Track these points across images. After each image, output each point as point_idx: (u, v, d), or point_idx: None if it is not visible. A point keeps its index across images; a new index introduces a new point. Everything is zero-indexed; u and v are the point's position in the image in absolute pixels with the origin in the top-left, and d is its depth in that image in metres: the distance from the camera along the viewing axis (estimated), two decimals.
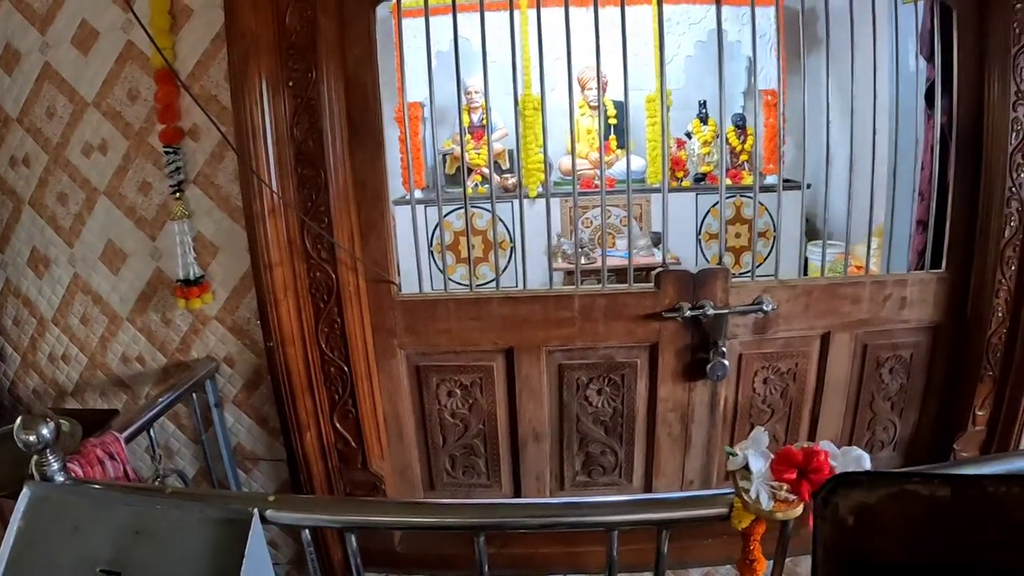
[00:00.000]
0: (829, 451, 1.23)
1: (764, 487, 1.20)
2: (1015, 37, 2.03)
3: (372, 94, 2.07)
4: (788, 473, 1.20)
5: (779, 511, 1.18)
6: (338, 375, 2.17)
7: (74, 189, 2.22)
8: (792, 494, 1.19)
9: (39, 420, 1.40)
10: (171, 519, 1.40)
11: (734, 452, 1.27)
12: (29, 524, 1.43)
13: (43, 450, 1.43)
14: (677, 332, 2.23)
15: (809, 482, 1.19)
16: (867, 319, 2.28)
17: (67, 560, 1.39)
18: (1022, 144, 2.09)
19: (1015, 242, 2.16)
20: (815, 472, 1.19)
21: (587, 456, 2.40)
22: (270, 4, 1.91)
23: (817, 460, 1.20)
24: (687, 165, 5.06)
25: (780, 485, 1.20)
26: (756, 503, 1.19)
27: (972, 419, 2.31)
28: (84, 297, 2.32)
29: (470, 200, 2.44)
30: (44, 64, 2.15)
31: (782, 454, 1.22)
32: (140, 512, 1.41)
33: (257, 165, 1.94)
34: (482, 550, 1.38)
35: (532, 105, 4.55)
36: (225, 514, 1.37)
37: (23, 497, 1.45)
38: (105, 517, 1.42)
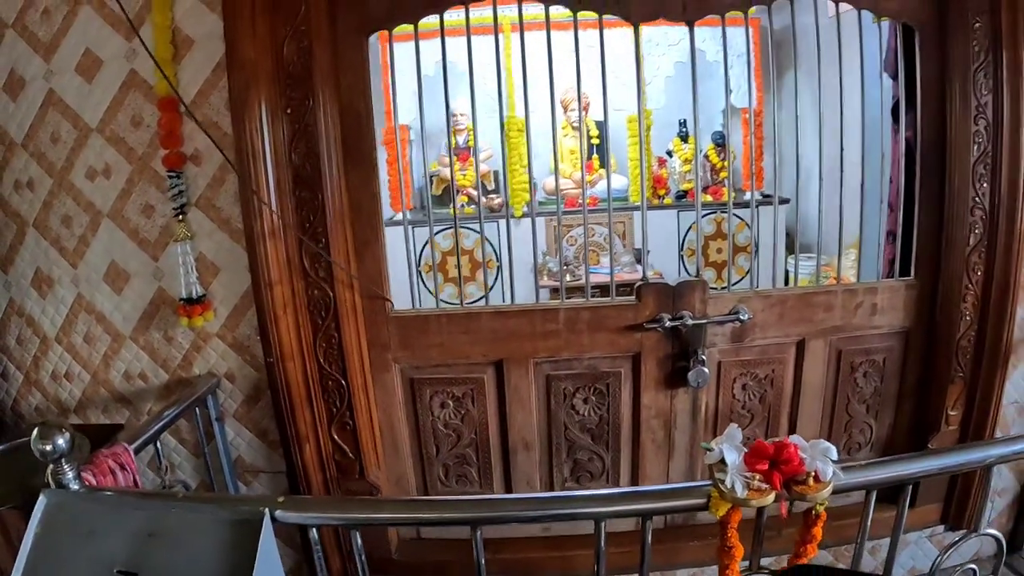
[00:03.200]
0: (798, 444, 1.34)
1: (739, 477, 1.31)
2: (974, 55, 2.18)
3: (365, 119, 2.18)
4: (760, 464, 1.32)
5: (753, 499, 1.29)
6: (336, 388, 2.26)
7: (78, 212, 2.29)
8: (764, 483, 1.30)
9: (55, 430, 1.46)
10: (185, 521, 1.46)
11: (710, 447, 1.38)
12: (45, 530, 1.48)
13: (59, 459, 1.49)
14: (658, 342, 2.34)
15: (780, 472, 1.30)
16: (840, 326, 2.40)
17: (83, 563, 1.44)
18: (984, 155, 2.23)
19: (980, 249, 2.29)
20: (785, 463, 1.31)
21: (575, 463, 2.49)
22: (269, 35, 2.02)
23: (787, 452, 1.31)
24: (668, 183, 5.17)
25: (753, 475, 1.31)
26: (731, 492, 1.30)
27: (945, 419, 2.43)
28: (87, 316, 2.38)
29: (458, 220, 2.54)
30: (48, 91, 2.23)
31: (755, 447, 1.33)
32: (154, 516, 1.48)
33: (258, 188, 2.04)
34: (479, 544, 1.46)
35: (516, 127, 4.65)
36: (237, 515, 1.44)
37: (40, 504, 1.50)
38: (120, 521, 1.48)
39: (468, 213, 4.84)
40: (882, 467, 1.53)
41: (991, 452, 1.60)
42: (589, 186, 4.97)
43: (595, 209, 4.70)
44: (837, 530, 1.61)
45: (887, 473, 1.50)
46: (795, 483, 1.32)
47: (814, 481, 1.33)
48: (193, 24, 2.10)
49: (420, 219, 4.51)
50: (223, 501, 1.54)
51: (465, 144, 5.06)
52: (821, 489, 1.32)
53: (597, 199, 4.97)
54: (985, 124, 2.21)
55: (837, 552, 2.52)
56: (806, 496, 1.32)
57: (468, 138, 5.02)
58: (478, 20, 2.26)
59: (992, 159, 2.23)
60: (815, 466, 1.33)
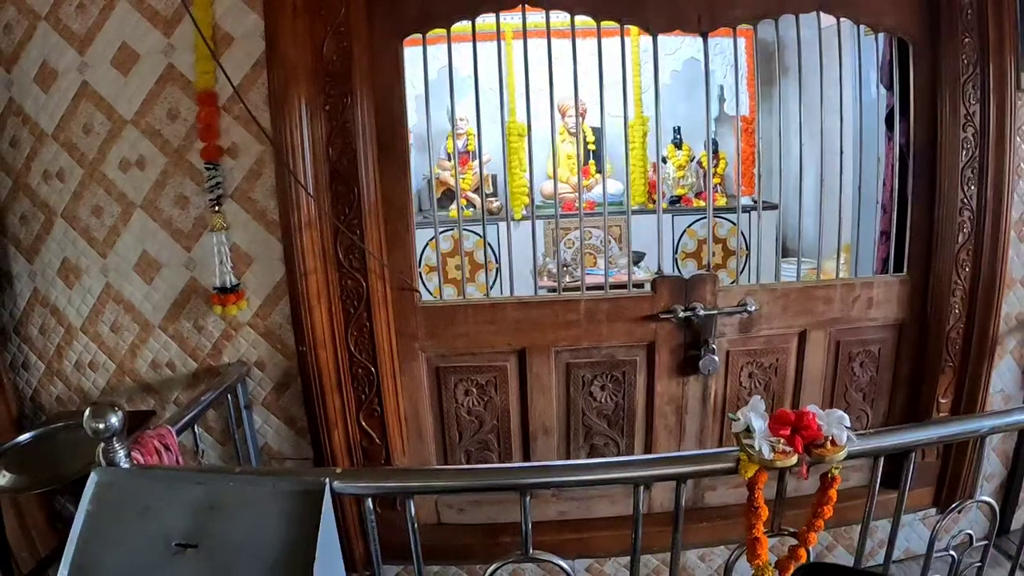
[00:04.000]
0: (816, 412, 1.48)
1: (765, 441, 1.43)
2: (963, 67, 2.36)
3: (399, 118, 2.29)
4: (783, 430, 1.45)
5: (778, 460, 1.42)
6: (365, 376, 2.35)
7: (109, 202, 2.34)
8: (788, 446, 1.43)
9: (108, 410, 1.49)
10: (244, 494, 1.50)
11: (736, 417, 1.50)
12: (97, 507, 1.50)
13: (110, 438, 1.52)
14: (671, 332, 2.47)
15: (801, 437, 1.44)
16: (839, 318, 2.56)
17: (140, 538, 1.46)
18: (971, 160, 2.41)
19: (968, 247, 2.47)
20: (805, 429, 1.44)
21: (591, 447, 2.61)
22: (309, 35, 2.12)
23: (806, 419, 1.46)
24: (663, 188, 5.29)
25: (778, 440, 1.44)
26: (760, 454, 1.42)
27: (936, 407, 2.59)
28: (116, 306, 2.43)
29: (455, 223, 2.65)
30: (82, 83, 2.28)
31: (778, 415, 1.47)
32: (212, 490, 1.50)
33: (297, 180, 2.13)
34: (527, 508, 1.53)
35: (516, 132, 4.76)
36: (299, 486, 1.49)
37: (90, 482, 1.52)
38: (176, 497, 1.50)
39: (467, 216, 4.92)
40: (890, 435, 1.68)
41: (986, 423, 1.76)
42: (586, 190, 5.08)
43: (592, 213, 4.84)
44: (840, 512, 1.73)
45: (894, 440, 1.64)
46: (814, 447, 1.45)
47: (831, 445, 1.45)
48: (232, 22, 2.18)
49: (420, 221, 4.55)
50: (282, 474, 1.60)
51: (464, 148, 5.16)
52: (838, 452, 1.45)
53: (594, 203, 5.07)
54: (973, 131, 2.39)
55: (837, 532, 2.66)
56: (824, 458, 1.45)
57: (468, 142, 5.14)
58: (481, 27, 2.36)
59: (979, 164, 2.41)
60: (831, 432, 1.46)
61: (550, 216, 4.52)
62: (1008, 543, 2.70)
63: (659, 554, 2.59)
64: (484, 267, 3.46)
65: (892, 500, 1.76)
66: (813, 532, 1.59)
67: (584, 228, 4.65)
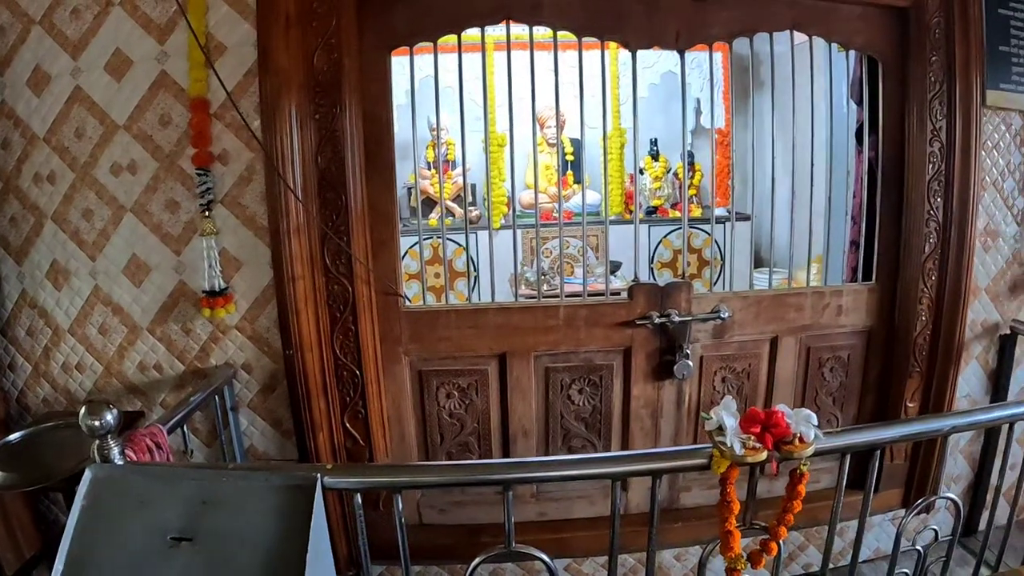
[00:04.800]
0: (784, 411, 1.56)
1: (736, 438, 1.51)
2: (931, 84, 2.48)
3: (386, 128, 2.36)
4: (754, 427, 1.53)
5: (749, 456, 1.50)
6: (350, 379, 2.41)
7: (100, 206, 2.37)
8: (758, 443, 1.51)
9: (103, 407, 1.53)
10: (238, 488, 1.54)
11: (709, 416, 1.58)
12: (92, 502, 1.53)
13: (105, 435, 1.56)
14: (647, 337, 2.55)
15: (770, 434, 1.52)
16: (809, 324, 2.65)
17: (135, 532, 1.50)
18: (938, 174, 2.53)
19: (934, 256, 2.58)
20: (775, 426, 1.53)
21: (569, 449, 2.67)
22: (300, 45, 2.18)
23: (776, 417, 1.54)
24: (640, 199, 5.40)
25: (748, 437, 1.52)
26: (731, 450, 1.50)
27: (904, 410, 2.69)
28: (104, 308, 2.46)
29: (435, 231, 2.72)
30: (75, 87, 2.32)
31: (749, 413, 1.55)
32: (206, 485, 1.54)
33: (285, 188, 2.18)
34: (510, 503, 1.60)
35: (497, 142, 4.83)
36: (291, 481, 1.53)
37: (85, 478, 1.55)
38: (171, 492, 1.54)
39: (447, 225, 4.97)
40: (857, 432, 1.76)
41: (948, 422, 1.86)
42: (564, 200, 5.11)
43: (570, 223, 4.90)
44: (809, 512, 1.82)
45: (860, 438, 1.72)
46: (783, 444, 1.53)
47: (799, 442, 1.53)
48: (226, 32, 2.23)
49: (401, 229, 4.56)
50: (274, 469, 1.65)
51: (445, 157, 5.23)
52: (805, 448, 1.52)
53: (572, 213, 5.18)
54: (940, 146, 2.51)
55: (808, 533, 2.75)
56: (793, 454, 1.52)
57: (448, 152, 5.20)
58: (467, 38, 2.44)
59: (945, 177, 2.52)
60: (800, 429, 1.54)
61: (529, 225, 4.59)
62: (976, 542, 2.78)
63: (636, 554, 2.67)
64: (464, 275, 3.52)
65: (860, 501, 1.83)
66: (783, 526, 1.67)
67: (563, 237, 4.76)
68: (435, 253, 4.74)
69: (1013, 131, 2.63)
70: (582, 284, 2.64)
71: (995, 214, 2.67)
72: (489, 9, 2.32)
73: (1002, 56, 2.51)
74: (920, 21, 2.45)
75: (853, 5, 2.48)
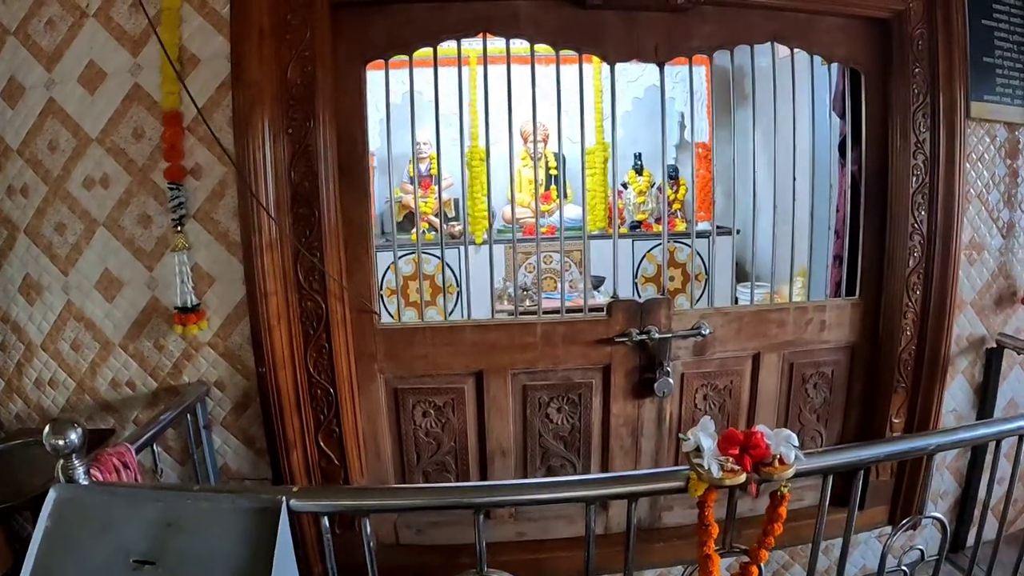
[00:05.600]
0: (764, 432, 1.52)
1: (714, 460, 1.47)
2: (914, 96, 2.46)
3: (360, 142, 2.33)
4: (732, 449, 1.49)
5: (727, 479, 1.46)
6: (324, 397, 2.36)
7: (73, 220, 2.34)
8: (736, 465, 1.47)
9: (68, 426, 1.51)
10: (202, 511, 1.51)
11: (687, 437, 1.54)
12: (56, 524, 1.50)
13: (70, 455, 1.54)
14: (627, 355, 2.51)
15: (749, 455, 1.48)
16: (792, 340, 2.62)
17: (99, 554, 1.47)
18: (922, 187, 2.50)
19: (919, 270, 2.55)
20: (754, 448, 1.48)
21: (548, 469, 2.63)
22: (274, 58, 2.16)
23: (755, 438, 1.50)
24: (624, 213, 5.39)
25: (726, 459, 1.48)
26: (708, 473, 1.46)
27: (889, 426, 2.65)
28: (76, 324, 2.42)
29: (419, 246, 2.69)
30: (49, 100, 2.29)
31: (727, 435, 1.51)
32: (170, 507, 1.51)
33: (259, 201, 2.15)
34: (480, 526, 1.57)
35: (478, 156, 4.79)
36: (256, 503, 1.50)
37: (49, 499, 1.53)
38: (135, 514, 1.51)
39: (428, 240, 4.92)
40: (838, 453, 1.74)
41: (933, 440, 1.82)
42: (547, 215, 5.13)
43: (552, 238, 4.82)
44: (793, 531, 1.78)
45: (842, 458, 1.69)
46: (763, 465, 1.49)
47: (779, 463, 1.49)
48: (199, 44, 2.21)
49: (382, 244, 4.56)
50: (240, 491, 1.61)
51: (427, 172, 5.19)
52: (786, 470, 1.49)
53: (554, 228, 5.11)
54: (923, 159, 2.48)
55: (793, 551, 2.70)
56: (773, 476, 1.48)
57: (431, 166, 5.17)
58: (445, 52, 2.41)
59: (929, 190, 2.49)
60: (779, 450, 1.50)
61: (507, 240, 4.55)
62: (964, 559, 2.75)
63: (615, 575, 2.61)
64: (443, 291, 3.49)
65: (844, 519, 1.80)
66: (764, 549, 1.63)
67: (545, 252, 4.74)
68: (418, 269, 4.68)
69: (998, 143, 2.60)
70: (559, 299, 2.58)
71: (980, 227, 2.64)
72: (465, 22, 2.29)
73: (986, 67, 2.49)
74: (903, 32, 2.43)
75: (834, 17, 2.46)
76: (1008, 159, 2.62)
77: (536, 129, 2.39)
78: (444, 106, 2.42)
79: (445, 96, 2.42)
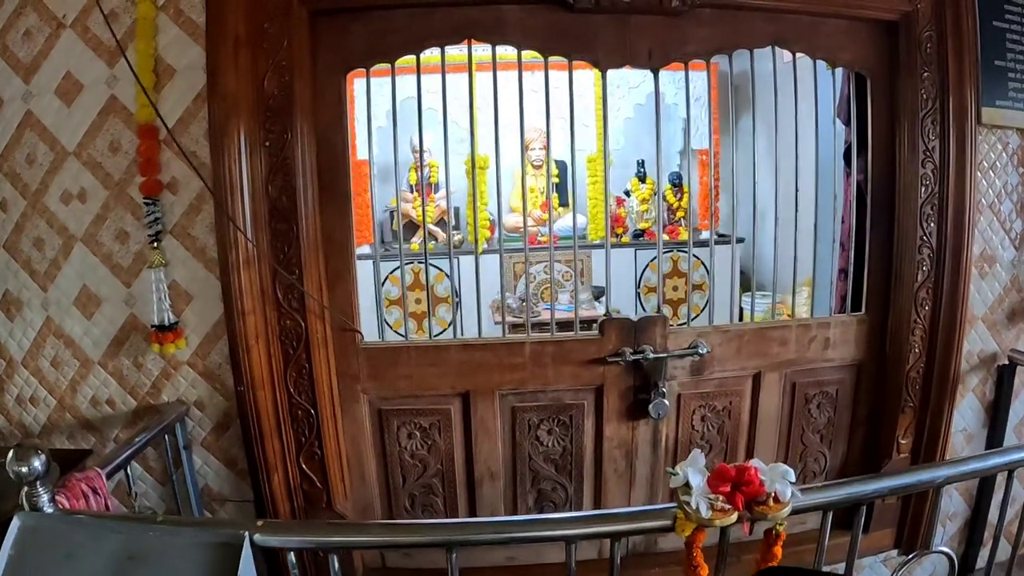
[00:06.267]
0: (759, 467, 1.42)
1: (703, 499, 1.38)
2: (922, 102, 2.33)
3: (341, 154, 2.25)
4: (723, 486, 1.39)
5: (717, 519, 1.36)
6: (305, 418, 2.29)
7: (51, 235, 2.29)
8: (727, 504, 1.37)
9: (31, 452, 1.47)
10: (164, 544, 1.47)
11: (675, 472, 1.44)
12: (19, 553, 1.47)
13: (34, 482, 1.49)
14: (620, 375, 2.41)
15: (742, 493, 1.38)
16: (794, 359, 2.51)
17: None
18: (931, 197, 2.38)
19: (927, 285, 2.43)
20: (746, 485, 1.38)
21: (539, 493, 2.54)
22: (251, 68, 2.08)
23: (748, 474, 1.39)
24: (626, 222, 5.27)
25: (717, 497, 1.38)
26: (697, 513, 1.36)
27: (896, 447, 2.54)
28: (56, 341, 2.37)
29: (418, 256, 2.61)
30: (26, 112, 2.24)
31: (717, 470, 1.41)
32: (133, 538, 1.48)
33: (234, 218, 2.08)
34: (454, 565, 1.50)
35: (480, 165, 4.70)
36: (217, 538, 1.46)
37: (13, 527, 1.49)
38: (98, 544, 1.48)
39: (429, 249, 4.81)
40: (838, 488, 1.62)
41: (940, 473, 1.70)
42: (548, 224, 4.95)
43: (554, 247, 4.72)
44: (796, 555, 1.69)
45: (842, 494, 1.59)
46: (756, 504, 1.40)
47: (774, 502, 1.40)
48: (176, 54, 2.15)
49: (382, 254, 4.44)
50: (203, 524, 1.56)
51: (428, 180, 5.10)
52: (781, 509, 1.39)
53: (557, 237, 5.00)
54: (932, 167, 2.36)
55: None
56: (767, 516, 1.39)
57: (431, 174, 5.06)
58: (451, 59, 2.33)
59: (939, 200, 2.38)
60: (775, 487, 1.41)
61: (512, 250, 4.46)
62: None
63: None
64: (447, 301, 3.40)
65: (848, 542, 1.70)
66: None
67: (545, 263, 4.65)
68: (416, 279, 4.63)
69: (1010, 150, 2.48)
70: (567, 310, 2.49)
71: (992, 238, 2.52)
72: (449, 28, 2.20)
73: (998, 71, 2.37)
74: (910, 35, 2.31)
75: (838, 19, 2.35)
76: (1021, 167, 2.50)
77: (522, 135, 2.31)
78: (435, 114, 2.34)
79: (435, 104, 2.35)
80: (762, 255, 2.94)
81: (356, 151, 4.23)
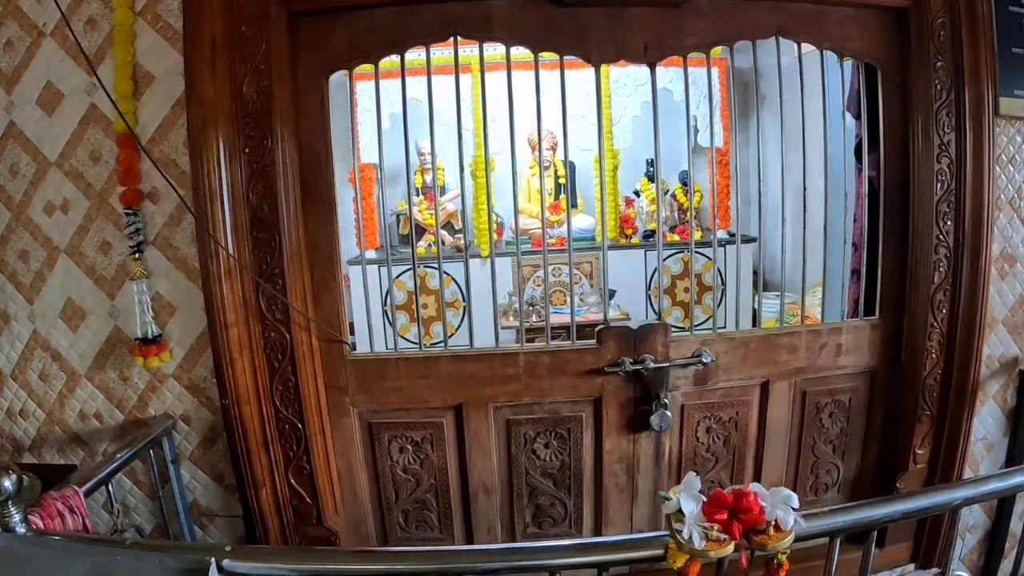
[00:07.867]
0: (759, 492, 1.31)
1: (696, 528, 1.27)
2: (936, 93, 2.21)
3: (324, 159, 2.17)
4: (719, 514, 1.28)
5: (711, 550, 1.26)
6: (292, 432, 2.22)
7: (35, 247, 2.26)
8: (723, 534, 1.27)
9: (1, 472, 1.43)
10: (132, 569, 1.43)
11: (668, 496, 1.33)
12: None
13: (5, 502, 1.45)
14: (620, 386, 2.31)
15: (740, 522, 1.27)
16: (804, 367, 2.39)
17: None
18: (947, 194, 2.25)
19: (945, 287, 2.30)
20: (745, 512, 1.27)
21: (537, 508, 2.45)
22: (228, 73, 2.02)
23: (746, 501, 1.28)
24: (636, 222, 5.13)
25: (712, 526, 1.27)
26: (689, 543, 1.26)
27: (913, 458, 2.42)
28: (43, 354, 2.34)
29: (423, 260, 2.53)
30: (9, 123, 2.20)
31: (713, 496, 1.30)
32: (101, 562, 1.44)
33: (214, 228, 2.02)
34: None
35: (481, 166, 4.59)
36: (184, 564, 1.41)
37: None
38: (67, 568, 1.45)
39: (435, 253, 4.73)
40: (845, 513, 1.50)
41: (957, 494, 1.58)
42: (557, 225, 4.93)
43: (561, 249, 4.66)
44: (803, 572, 1.58)
45: (850, 519, 1.48)
46: (755, 532, 1.29)
47: (775, 530, 1.29)
48: (154, 60, 2.10)
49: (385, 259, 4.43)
50: (170, 549, 1.50)
51: (432, 183, 4.98)
52: (782, 538, 1.29)
53: (564, 239, 4.91)
54: (948, 162, 2.24)
55: None
56: (767, 546, 1.29)
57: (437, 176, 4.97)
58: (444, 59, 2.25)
59: (955, 197, 2.25)
60: (776, 515, 1.30)
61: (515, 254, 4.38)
62: None
63: None
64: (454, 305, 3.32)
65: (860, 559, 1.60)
66: None
67: (554, 265, 4.56)
68: (423, 283, 4.54)
69: None
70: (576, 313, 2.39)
71: (1012, 236, 2.39)
72: (434, 26, 2.12)
73: (1015, 59, 2.23)
74: (922, 22, 2.19)
75: (845, 7, 2.24)
76: None
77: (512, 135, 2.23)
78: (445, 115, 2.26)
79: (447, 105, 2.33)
80: (773, 255, 2.81)
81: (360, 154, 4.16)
